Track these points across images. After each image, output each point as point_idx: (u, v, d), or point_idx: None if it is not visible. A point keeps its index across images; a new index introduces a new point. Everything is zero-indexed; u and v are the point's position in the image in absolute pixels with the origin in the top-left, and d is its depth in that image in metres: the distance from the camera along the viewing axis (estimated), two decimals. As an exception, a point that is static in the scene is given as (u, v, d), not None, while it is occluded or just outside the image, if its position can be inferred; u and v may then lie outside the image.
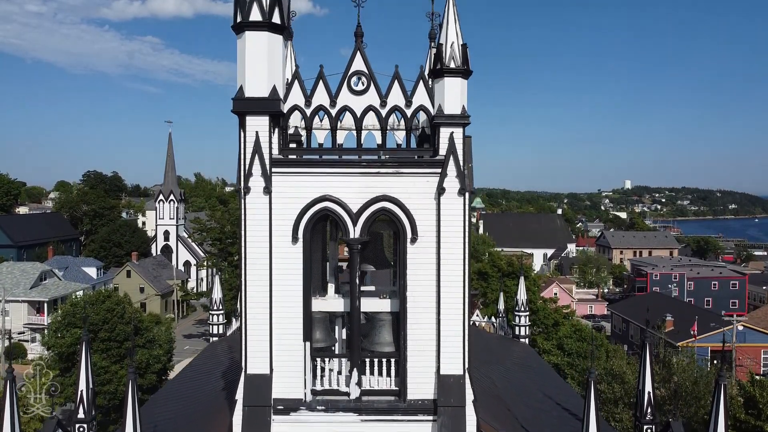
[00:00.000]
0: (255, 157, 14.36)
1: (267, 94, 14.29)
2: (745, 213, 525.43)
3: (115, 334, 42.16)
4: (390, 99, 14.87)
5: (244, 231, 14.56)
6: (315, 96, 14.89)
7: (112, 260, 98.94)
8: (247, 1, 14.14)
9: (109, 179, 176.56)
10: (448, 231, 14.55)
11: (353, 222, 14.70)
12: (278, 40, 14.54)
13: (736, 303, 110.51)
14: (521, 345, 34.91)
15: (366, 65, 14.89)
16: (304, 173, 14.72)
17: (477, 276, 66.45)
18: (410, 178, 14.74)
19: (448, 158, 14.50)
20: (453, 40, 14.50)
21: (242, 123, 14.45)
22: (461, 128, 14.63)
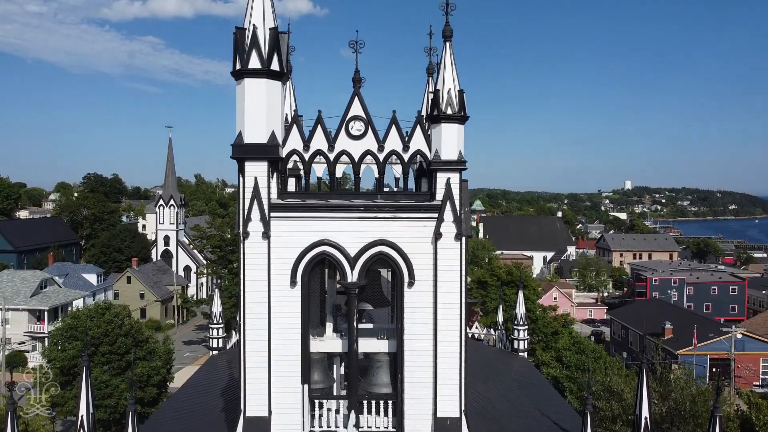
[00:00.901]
0: (254, 203, 14.51)
1: (266, 140, 14.43)
2: (745, 213, 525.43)
3: (116, 347, 42.30)
4: (387, 144, 15.01)
5: (243, 275, 14.71)
6: (313, 141, 15.03)
7: (113, 265, 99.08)
8: (247, 49, 14.28)
9: (109, 182, 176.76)
10: (445, 275, 14.71)
11: (351, 266, 14.84)
12: (277, 86, 14.69)
13: (736, 308, 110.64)
14: (520, 359, 35.01)
15: (364, 110, 15.03)
16: (302, 218, 14.87)
17: (476, 285, 66.58)
18: (407, 223, 14.89)
19: (445, 204, 14.65)
20: (450, 86, 14.65)
21: (241, 168, 14.60)
22: (458, 173, 14.78)
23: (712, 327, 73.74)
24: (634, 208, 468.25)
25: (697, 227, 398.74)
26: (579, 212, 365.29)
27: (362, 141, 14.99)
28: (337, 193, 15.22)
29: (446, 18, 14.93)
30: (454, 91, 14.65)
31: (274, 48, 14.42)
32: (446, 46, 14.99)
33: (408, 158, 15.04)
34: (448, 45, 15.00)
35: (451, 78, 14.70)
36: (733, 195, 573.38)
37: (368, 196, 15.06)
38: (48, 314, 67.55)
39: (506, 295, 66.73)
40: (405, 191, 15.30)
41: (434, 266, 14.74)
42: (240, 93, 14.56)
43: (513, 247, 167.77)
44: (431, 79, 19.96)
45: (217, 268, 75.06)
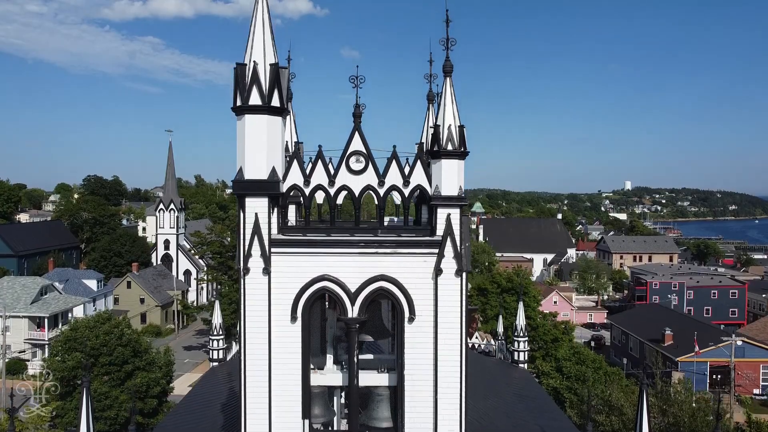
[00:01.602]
0: (254, 239, 14.50)
1: (266, 176, 14.43)
2: (746, 214, 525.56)
3: (115, 357, 42.34)
4: (388, 179, 15.00)
5: (243, 311, 14.71)
6: (314, 176, 15.02)
7: (113, 270, 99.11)
8: (247, 85, 14.28)
9: (109, 184, 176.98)
10: (446, 311, 14.71)
11: (351, 301, 14.84)
12: (277, 122, 14.69)
13: (736, 312, 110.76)
14: (520, 371, 35.04)
15: (364, 145, 15.02)
16: (303, 253, 14.87)
17: (476, 292, 66.63)
18: (408, 258, 14.89)
19: (446, 240, 14.65)
20: (450, 122, 14.64)
21: (242, 204, 14.60)
22: (458, 209, 14.78)
23: (712, 333, 73.77)
24: (634, 208, 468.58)
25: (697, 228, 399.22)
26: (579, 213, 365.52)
27: (362, 176, 14.98)
28: (338, 227, 15.20)
29: (446, 53, 14.93)
30: (454, 126, 14.64)
31: (275, 84, 14.41)
32: (446, 81, 14.98)
33: (408, 193, 15.03)
34: (448, 80, 15.00)
35: (451, 113, 14.69)
36: (733, 195, 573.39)
37: (369, 231, 15.06)
38: (48, 321, 67.56)
39: (506, 303, 66.76)
40: (406, 225, 15.28)
41: (435, 302, 14.74)
42: (240, 129, 14.56)
43: (513, 249, 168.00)
44: (431, 106, 19.96)
45: (217, 274, 75.03)
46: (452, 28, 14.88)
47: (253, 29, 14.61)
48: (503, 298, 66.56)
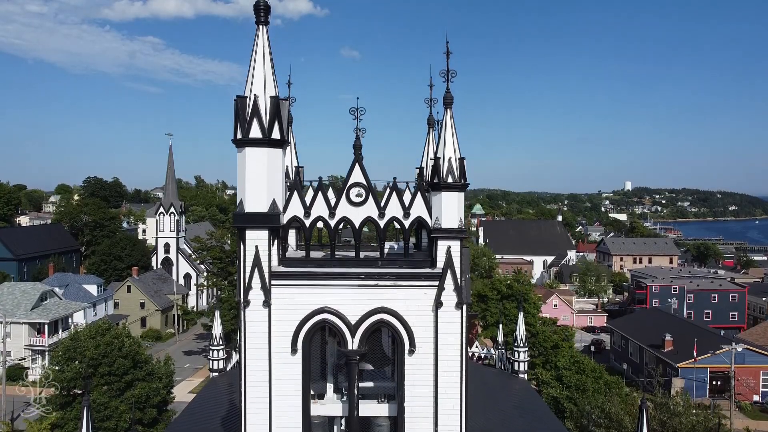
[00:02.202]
0: (254, 271, 14.52)
1: (266, 209, 14.45)
2: (746, 214, 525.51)
3: (115, 368, 42.34)
4: (388, 210, 15.02)
5: (243, 343, 14.73)
6: (314, 207, 15.04)
7: (113, 274, 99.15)
8: (248, 118, 14.29)
9: (109, 185, 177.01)
10: (446, 344, 14.73)
11: (351, 333, 14.86)
12: (278, 154, 14.70)
13: (736, 315, 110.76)
14: (520, 381, 35.06)
15: (365, 177, 15.03)
16: (303, 285, 14.88)
17: (476, 298, 66.61)
18: (408, 291, 14.90)
19: (446, 272, 14.66)
20: (450, 155, 14.66)
21: (242, 236, 14.61)
22: (458, 241, 14.78)
23: (712, 339, 73.73)
24: (634, 209, 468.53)
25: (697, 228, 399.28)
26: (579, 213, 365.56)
27: (363, 208, 15.00)
28: (338, 259, 15.20)
29: (447, 85, 14.95)
30: (454, 159, 14.65)
31: (275, 117, 14.43)
32: (447, 112, 14.99)
33: (409, 225, 15.04)
34: (448, 112, 15.01)
35: (451, 146, 14.70)
36: (733, 196, 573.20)
37: (369, 263, 15.07)
38: (48, 327, 67.58)
39: (506, 309, 66.81)
40: (406, 256, 15.28)
41: (435, 334, 14.76)
42: (241, 161, 14.57)
43: (513, 251, 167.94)
44: (432, 130, 19.97)
45: (217, 280, 75.03)
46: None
47: (254, 62, 14.62)
48: (503, 304, 66.59)
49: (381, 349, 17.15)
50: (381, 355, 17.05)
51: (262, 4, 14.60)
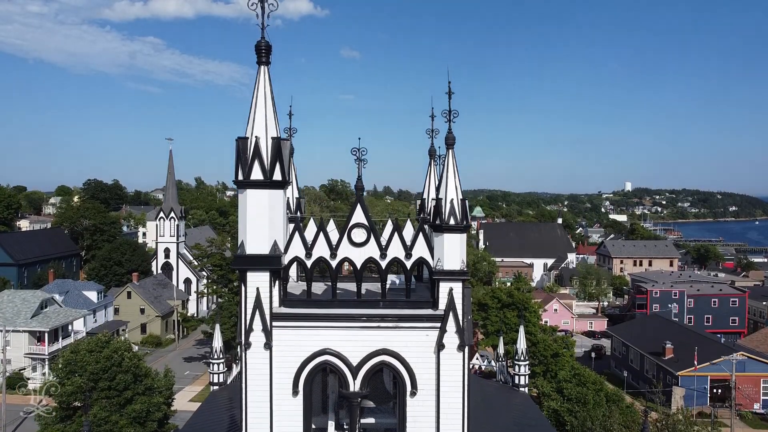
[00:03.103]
0: (256, 313, 14.47)
1: (268, 251, 14.39)
2: (746, 215, 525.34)
3: (115, 383, 42.24)
4: (390, 251, 14.96)
5: (245, 384, 14.67)
6: (315, 248, 14.98)
7: (113, 279, 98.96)
8: (249, 160, 14.23)
9: (109, 188, 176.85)
10: (448, 385, 14.66)
11: (353, 375, 14.79)
12: (279, 195, 14.64)
13: (736, 320, 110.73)
14: (521, 395, 35.02)
15: (366, 218, 14.97)
16: (304, 327, 14.82)
17: (477, 307, 66.56)
18: (410, 332, 14.84)
19: (448, 314, 14.60)
20: (452, 196, 14.59)
21: (243, 278, 14.55)
22: (460, 283, 14.72)
23: (712, 346, 73.66)
24: (634, 209, 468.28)
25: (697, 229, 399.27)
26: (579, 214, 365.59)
27: (364, 248, 14.95)
28: (340, 300, 15.14)
29: (449, 125, 14.89)
30: (456, 201, 14.59)
31: (276, 158, 14.37)
32: (449, 153, 14.94)
33: (410, 266, 14.98)
34: (450, 152, 14.95)
35: (453, 187, 14.64)
36: (733, 196, 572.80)
37: (371, 304, 15.00)
38: (48, 335, 67.49)
39: (507, 318, 66.77)
40: (408, 297, 15.21)
41: (437, 376, 14.70)
42: (242, 202, 14.51)
43: (513, 254, 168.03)
44: (433, 161, 19.89)
45: (217, 287, 74.92)
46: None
47: (255, 102, 14.56)
48: (503, 313, 66.53)
49: (383, 385, 17.10)
50: (383, 392, 17.00)
51: (264, 44, 14.54)
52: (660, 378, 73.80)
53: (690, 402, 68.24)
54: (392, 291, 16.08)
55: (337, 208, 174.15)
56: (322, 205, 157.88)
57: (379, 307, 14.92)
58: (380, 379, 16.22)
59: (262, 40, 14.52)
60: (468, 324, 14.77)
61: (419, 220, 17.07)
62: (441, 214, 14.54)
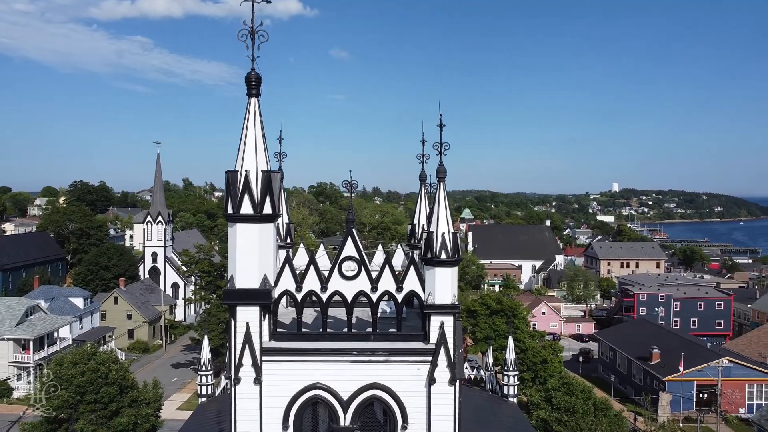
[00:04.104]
0: (245, 348, 14.34)
1: (257, 285, 14.27)
2: (731, 216, 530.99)
3: (101, 396, 41.81)
4: (381, 284, 14.89)
5: (234, 419, 14.54)
6: (306, 281, 14.88)
7: (99, 284, 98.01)
8: (239, 194, 14.10)
9: (95, 190, 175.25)
10: (439, 420, 14.64)
11: (344, 410, 14.72)
12: (269, 228, 14.52)
13: (722, 323, 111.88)
14: (510, 406, 35.12)
15: (357, 251, 14.89)
16: (294, 361, 14.71)
17: (466, 314, 66.64)
18: (401, 366, 14.80)
19: (439, 348, 14.56)
20: (444, 230, 14.55)
21: (233, 313, 14.42)
22: (452, 316, 14.68)
23: (699, 351, 74.26)
24: (621, 210, 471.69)
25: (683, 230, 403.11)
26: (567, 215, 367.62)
27: (355, 281, 14.88)
28: (330, 334, 15.05)
29: (440, 158, 14.85)
30: (448, 235, 14.56)
31: (267, 191, 14.26)
32: (440, 186, 14.90)
33: (401, 299, 14.92)
34: (441, 185, 14.92)
35: (444, 221, 14.61)
36: (718, 197, 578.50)
37: (362, 338, 14.93)
38: (33, 344, 66.67)
39: (496, 325, 66.90)
40: (399, 331, 15.16)
41: (428, 410, 14.67)
42: (232, 236, 14.38)
43: (501, 256, 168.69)
44: (424, 186, 19.83)
45: (205, 294, 74.44)
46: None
47: (245, 135, 14.43)
48: (492, 320, 66.68)
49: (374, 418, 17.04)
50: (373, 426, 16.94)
51: (254, 76, 14.42)
52: (647, 383, 74.37)
53: (677, 407, 68.85)
54: (383, 320, 16.01)
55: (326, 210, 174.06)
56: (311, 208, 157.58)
57: (370, 340, 14.86)
58: (371, 413, 16.14)
59: (252, 72, 14.39)
60: (460, 358, 14.74)
61: (410, 245, 17.00)
62: (432, 248, 14.51)
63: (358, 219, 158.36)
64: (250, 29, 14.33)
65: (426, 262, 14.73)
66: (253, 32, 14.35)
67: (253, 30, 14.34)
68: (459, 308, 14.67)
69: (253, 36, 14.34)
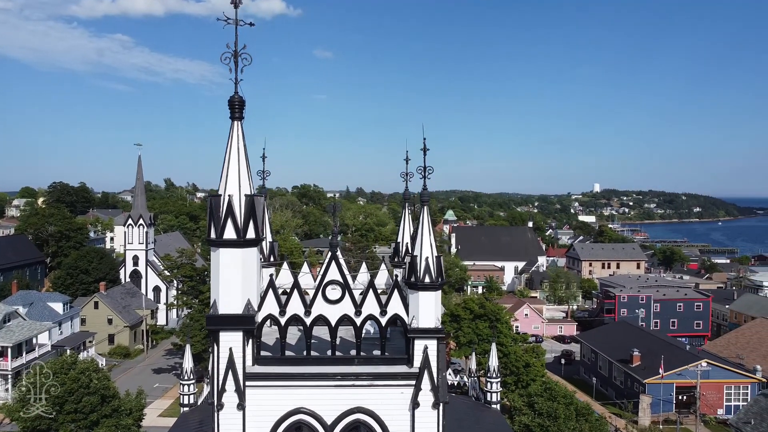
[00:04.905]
0: (228, 374, 14.26)
1: (241, 310, 14.19)
2: (709, 216, 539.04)
3: (81, 405, 41.29)
4: (365, 308, 14.90)
5: (217, 446, 14.45)
6: (290, 306, 14.84)
7: (79, 288, 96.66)
8: (222, 218, 14.01)
9: (75, 191, 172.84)
10: (423, 443, 14.65)
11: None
12: (252, 253, 14.45)
13: (700, 324, 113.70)
14: (493, 413, 35.34)
15: (341, 275, 14.88)
16: (278, 386, 14.66)
17: (449, 318, 66.85)
18: (385, 390, 14.81)
19: (423, 372, 14.59)
20: (427, 254, 14.59)
21: (216, 338, 14.33)
22: (435, 340, 14.73)
23: (678, 354, 75.31)
24: (602, 210, 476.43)
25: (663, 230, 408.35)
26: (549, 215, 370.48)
27: (339, 305, 14.86)
28: (314, 358, 15.01)
29: (424, 182, 14.88)
30: (432, 259, 14.60)
31: (250, 216, 14.19)
32: (423, 210, 14.93)
33: (386, 322, 14.94)
34: (425, 209, 14.95)
35: (428, 245, 14.65)
36: (697, 197, 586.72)
37: (345, 362, 14.92)
38: (12, 351, 65.61)
39: (479, 329, 67.23)
40: (383, 354, 15.17)
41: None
42: (215, 261, 14.28)
43: (485, 257, 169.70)
44: (408, 205, 19.84)
45: (187, 298, 73.83)
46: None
47: (228, 160, 14.35)
48: (476, 324, 66.99)
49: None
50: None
51: (237, 100, 14.33)
52: (628, 385, 75.28)
53: (657, 409, 69.83)
54: (366, 341, 16.00)
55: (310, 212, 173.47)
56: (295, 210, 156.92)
57: (354, 363, 14.85)
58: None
59: (235, 95, 14.30)
60: (443, 381, 14.79)
61: (394, 264, 17.02)
62: (416, 272, 14.54)
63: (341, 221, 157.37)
64: (234, 52, 14.23)
65: (410, 286, 14.76)
66: (236, 55, 14.25)
67: (237, 53, 14.25)
68: (443, 332, 14.72)
69: (237, 59, 14.25)
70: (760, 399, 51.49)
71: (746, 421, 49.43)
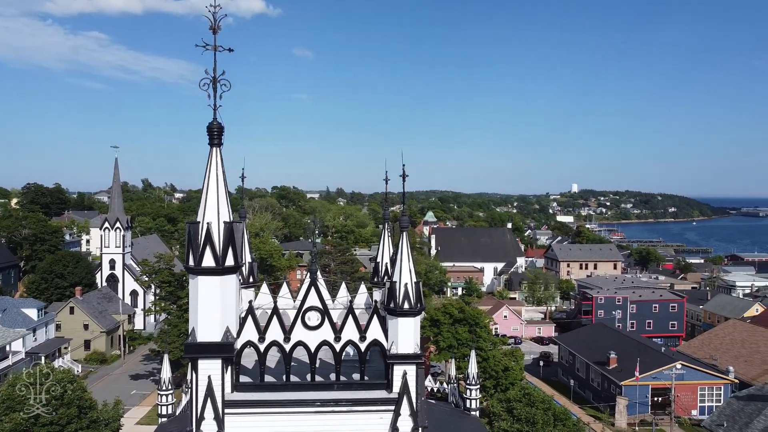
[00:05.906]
0: (207, 402, 14.20)
1: (219, 338, 14.15)
2: (684, 216, 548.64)
3: (57, 417, 40.69)
4: (344, 334, 14.95)
5: (196, 474, 14.38)
6: (269, 332, 14.83)
7: (54, 293, 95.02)
8: (200, 246, 13.96)
9: (50, 192, 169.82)
10: (402, 468, 14.75)
11: (307, 460, 14.72)
12: (231, 280, 14.42)
13: (675, 324, 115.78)
14: (472, 419, 35.56)
15: (321, 301, 14.91)
16: (257, 413, 14.65)
17: (429, 322, 67.19)
18: (364, 416, 14.87)
19: (402, 398, 14.69)
20: (406, 281, 14.69)
21: (194, 366, 14.27)
22: (414, 366, 14.84)
23: (654, 355, 76.56)
24: (580, 211, 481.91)
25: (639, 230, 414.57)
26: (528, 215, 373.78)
27: (318, 331, 14.89)
28: (293, 383, 15.02)
29: (403, 208, 14.97)
30: (411, 285, 14.70)
31: (229, 243, 14.15)
32: (403, 236, 15.02)
33: (365, 348, 15.00)
34: (405, 234, 15.04)
35: (407, 271, 14.74)
36: (673, 198, 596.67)
37: (325, 387, 14.95)
38: (-16, 359, 64.45)
39: (458, 334, 67.67)
40: (362, 380, 15.23)
41: (391, 460, 14.77)
42: (193, 288, 14.22)
43: (464, 258, 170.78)
44: (387, 224, 19.94)
45: (165, 304, 73.09)
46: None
47: (207, 186, 14.29)
48: (455, 328, 67.39)
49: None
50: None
51: (216, 126, 14.28)
52: (605, 387, 76.32)
53: (633, 411, 70.92)
54: (346, 363, 16.05)
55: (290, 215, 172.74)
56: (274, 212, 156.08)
57: (334, 389, 14.89)
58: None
59: (214, 122, 14.24)
60: (422, 406, 14.91)
61: (373, 284, 17.09)
62: (395, 298, 14.63)
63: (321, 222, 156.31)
64: (212, 78, 14.18)
65: (389, 312, 14.84)
66: (215, 81, 14.20)
67: (215, 79, 14.20)
68: (422, 357, 14.83)
69: (215, 85, 14.20)
70: (732, 402, 52.51)
71: (719, 424, 50.40)
